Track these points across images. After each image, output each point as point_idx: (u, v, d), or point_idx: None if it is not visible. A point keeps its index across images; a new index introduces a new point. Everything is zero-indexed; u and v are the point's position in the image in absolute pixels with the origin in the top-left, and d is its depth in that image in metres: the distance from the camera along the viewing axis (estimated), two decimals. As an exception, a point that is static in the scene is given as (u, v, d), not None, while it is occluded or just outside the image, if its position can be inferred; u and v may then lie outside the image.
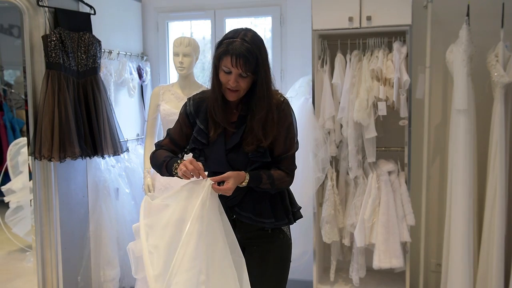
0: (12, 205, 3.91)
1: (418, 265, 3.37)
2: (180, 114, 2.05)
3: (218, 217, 1.84)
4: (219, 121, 1.93)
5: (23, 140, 3.86)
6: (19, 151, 3.89)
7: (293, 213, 2.07)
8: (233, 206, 1.99)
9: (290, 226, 2.12)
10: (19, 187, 3.85)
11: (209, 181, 1.81)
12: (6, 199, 3.88)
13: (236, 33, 1.85)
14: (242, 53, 1.79)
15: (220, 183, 1.85)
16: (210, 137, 1.95)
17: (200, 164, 1.85)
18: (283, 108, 1.95)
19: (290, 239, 2.08)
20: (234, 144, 1.93)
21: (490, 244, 3.05)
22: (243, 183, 1.88)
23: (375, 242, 3.15)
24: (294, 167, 2.01)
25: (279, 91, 2.01)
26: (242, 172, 1.88)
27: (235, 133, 1.94)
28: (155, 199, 1.88)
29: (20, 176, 3.88)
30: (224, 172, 1.88)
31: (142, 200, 1.86)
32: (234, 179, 1.84)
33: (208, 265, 1.76)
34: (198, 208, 1.77)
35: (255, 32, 1.90)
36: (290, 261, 2.10)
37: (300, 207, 2.13)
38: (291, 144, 1.98)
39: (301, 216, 2.12)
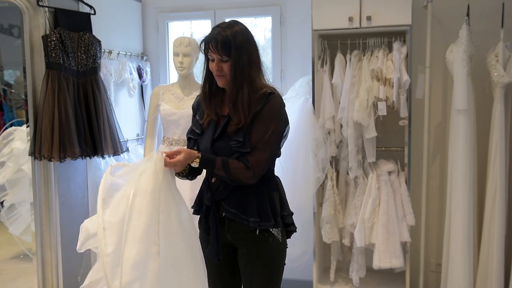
0: (6, 204, 3.85)
1: (418, 265, 3.37)
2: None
3: (171, 191, 1.88)
4: (207, 110, 2.05)
5: (11, 131, 3.76)
6: (7, 144, 3.81)
7: (283, 216, 2.04)
8: (219, 200, 2.00)
9: (286, 230, 2.08)
10: (3, 181, 3.76)
11: (160, 154, 1.86)
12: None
13: (219, 24, 2.00)
14: (214, 37, 1.93)
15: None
16: (203, 127, 2.06)
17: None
18: (271, 99, 1.96)
19: (282, 243, 2.03)
20: (219, 133, 1.99)
21: (490, 244, 3.05)
22: (194, 162, 1.91)
23: (375, 242, 3.15)
24: (260, 160, 1.92)
25: (277, 89, 2.03)
26: (195, 152, 1.94)
27: (222, 123, 2.01)
28: (115, 174, 1.90)
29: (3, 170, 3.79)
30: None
31: (103, 175, 1.86)
32: (185, 154, 1.90)
33: (164, 236, 1.77)
34: (150, 181, 1.80)
35: (240, 23, 1.99)
36: (283, 265, 2.07)
37: (292, 213, 2.10)
38: (266, 138, 1.92)
39: (292, 222, 2.08)
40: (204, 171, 2.09)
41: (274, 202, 2.01)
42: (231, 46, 1.91)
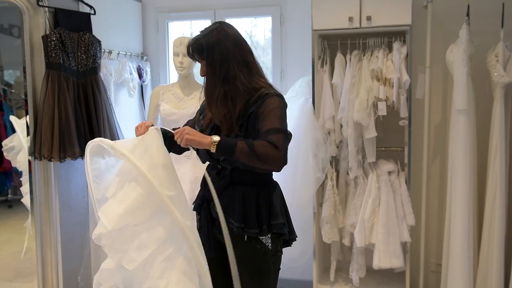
0: None
1: (418, 265, 3.37)
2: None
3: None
4: (208, 115, 2.06)
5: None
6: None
7: (270, 225, 1.96)
8: (210, 200, 1.96)
9: (281, 238, 2.03)
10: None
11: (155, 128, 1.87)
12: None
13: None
14: (190, 44, 1.98)
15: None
16: (202, 128, 2.07)
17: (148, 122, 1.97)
18: (265, 99, 1.93)
19: (271, 250, 1.98)
20: (214, 134, 1.99)
21: (490, 244, 3.05)
22: (212, 146, 1.82)
23: (375, 242, 3.15)
24: (279, 137, 1.84)
25: (277, 89, 2.01)
26: (209, 137, 1.85)
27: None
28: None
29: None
30: (210, 162, 2.03)
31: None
32: (191, 130, 1.87)
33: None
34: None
35: (221, 25, 1.97)
36: (274, 271, 2.02)
37: (284, 223, 2.01)
38: (277, 123, 1.89)
39: (282, 232, 1.99)
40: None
41: (261, 209, 1.96)
42: (202, 48, 1.93)
